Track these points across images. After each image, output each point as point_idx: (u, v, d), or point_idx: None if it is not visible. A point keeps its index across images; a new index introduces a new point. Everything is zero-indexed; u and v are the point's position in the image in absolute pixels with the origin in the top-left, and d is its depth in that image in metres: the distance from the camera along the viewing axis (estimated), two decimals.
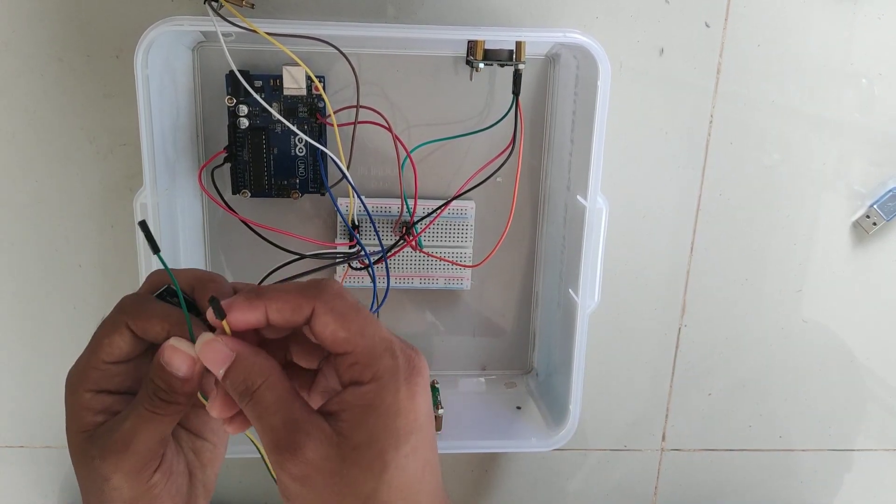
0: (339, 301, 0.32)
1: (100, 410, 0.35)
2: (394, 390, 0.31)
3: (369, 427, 0.31)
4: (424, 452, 0.32)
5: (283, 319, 0.33)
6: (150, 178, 0.48)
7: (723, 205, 0.61)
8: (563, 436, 0.55)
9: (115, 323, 0.35)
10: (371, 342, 0.32)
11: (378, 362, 0.32)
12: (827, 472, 0.69)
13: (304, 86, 0.53)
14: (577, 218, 0.52)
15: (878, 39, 0.57)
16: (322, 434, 0.31)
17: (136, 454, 0.34)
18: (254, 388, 0.32)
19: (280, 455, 0.31)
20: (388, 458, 0.31)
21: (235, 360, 0.33)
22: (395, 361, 0.32)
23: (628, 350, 0.64)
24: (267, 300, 0.33)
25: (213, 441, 0.39)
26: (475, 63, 0.52)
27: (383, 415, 0.31)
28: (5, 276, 0.58)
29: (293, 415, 0.32)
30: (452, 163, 0.57)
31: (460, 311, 0.61)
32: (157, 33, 0.45)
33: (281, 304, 0.33)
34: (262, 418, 0.32)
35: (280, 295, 0.33)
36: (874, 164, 0.61)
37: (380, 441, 0.31)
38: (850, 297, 0.64)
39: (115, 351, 0.35)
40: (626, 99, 0.57)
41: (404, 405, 0.31)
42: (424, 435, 0.32)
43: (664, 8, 0.56)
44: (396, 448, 0.31)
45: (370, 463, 0.31)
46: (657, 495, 0.69)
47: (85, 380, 0.35)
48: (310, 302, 0.32)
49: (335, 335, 0.32)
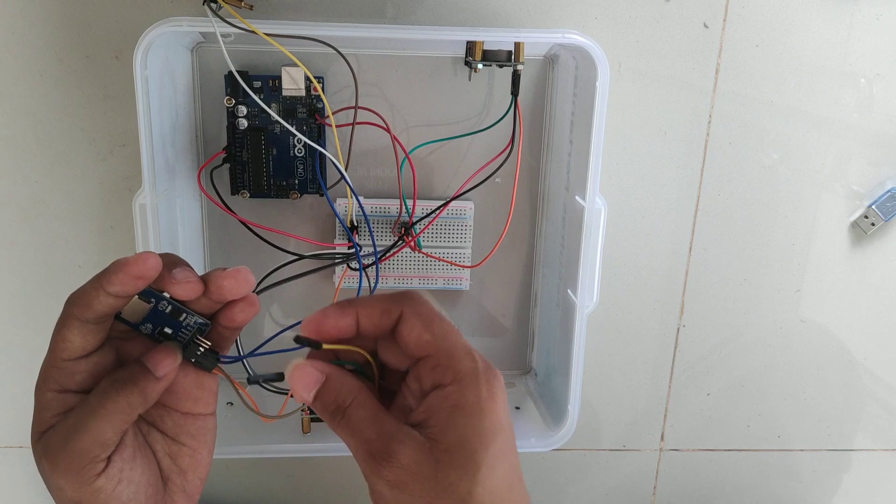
0: (425, 307, 0.34)
1: (59, 411, 0.36)
2: (475, 390, 0.33)
3: (458, 427, 0.32)
4: (510, 455, 0.33)
5: (373, 325, 0.35)
6: (149, 178, 0.48)
7: (721, 205, 0.61)
8: (562, 436, 0.55)
9: (63, 318, 0.35)
10: (452, 345, 0.34)
11: (459, 364, 0.33)
12: (825, 471, 0.69)
13: (302, 86, 0.53)
14: (575, 218, 0.52)
15: (877, 39, 0.58)
16: (414, 441, 0.33)
17: (74, 453, 0.34)
18: (345, 405, 0.34)
19: (376, 464, 0.32)
20: (479, 459, 0.32)
21: (326, 382, 0.34)
22: (474, 364, 0.33)
23: (627, 350, 0.64)
24: (358, 306, 0.35)
25: (192, 446, 0.39)
26: (474, 64, 0.52)
27: (469, 414, 0.32)
28: (5, 276, 0.58)
29: (384, 426, 0.33)
30: (451, 163, 0.58)
31: (459, 311, 0.61)
32: (157, 34, 0.45)
33: (370, 310, 0.35)
34: (356, 433, 0.34)
35: (370, 301, 0.35)
36: (872, 165, 0.61)
37: (470, 441, 0.32)
38: (849, 297, 0.64)
39: (69, 346, 0.35)
40: (625, 99, 0.57)
41: (486, 405, 0.33)
42: (508, 436, 0.33)
43: (663, 8, 0.56)
44: (486, 448, 0.32)
45: (463, 463, 0.32)
46: (656, 495, 0.69)
47: (47, 379, 0.36)
48: (398, 306, 0.34)
49: (420, 337, 0.34)
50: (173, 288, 0.36)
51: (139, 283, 0.35)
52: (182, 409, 0.39)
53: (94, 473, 0.34)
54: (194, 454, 0.39)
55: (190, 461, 0.39)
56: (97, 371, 0.36)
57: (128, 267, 0.34)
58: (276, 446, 0.53)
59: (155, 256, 0.35)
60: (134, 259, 0.34)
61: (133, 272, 0.34)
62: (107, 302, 0.35)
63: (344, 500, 0.66)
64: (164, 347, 0.37)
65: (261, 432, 0.54)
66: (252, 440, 0.53)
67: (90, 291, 0.35)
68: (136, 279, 0.34)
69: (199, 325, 0.38)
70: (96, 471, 0.35)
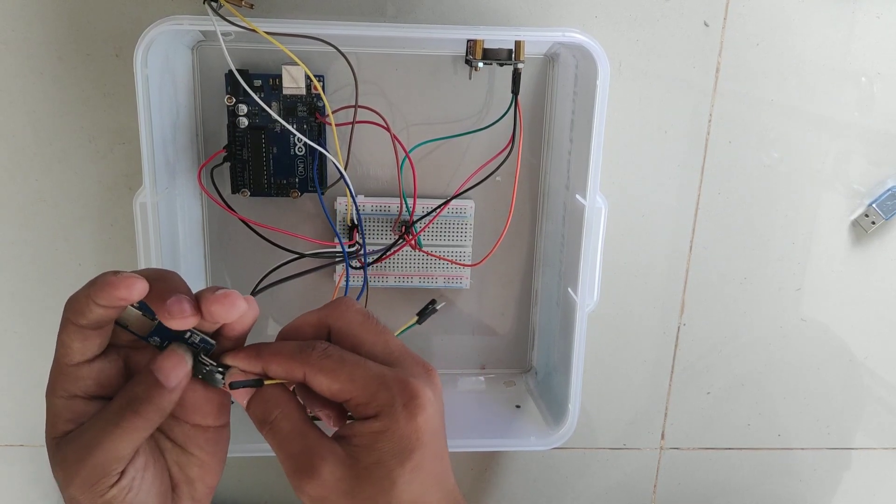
0: (326, 360, 0.36)
1: (70, 418, 0.36)
2: (394, 418, 0.35)
3: (377, 450, 0.35)
4: (430, 465, 0.36)
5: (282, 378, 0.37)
6: (149, 177, 0.48)
7: (722, 204, 0.61)
8: (562, 434, 0.55)
9: (63, 323, 0.35)
10: (363, 384, 0.35)
11: (375, 398, 0.35)
12: (826, 470, 0.69)
13: (303, 85, 0.53)
14: (576, 217, 0.52)
15: (877, 38, 0.58)
16: (336, 457, 0.35)
17: (90, 467, 0.34)
18: (271, 418, 0.36)
19: (299, 479, 0.35)
20: (395, 476, 0.35)
21: (256, 393, 0.37)
22: (389, 393, 0.35)
23: (627, 349, 0.64)
24: (265, 361, 0.37)
25: (202, 457, 0.39)
26: (474, 62, 0.52)
27: (389, 439, 0.35)
28: (4, 275, 0.58)
29: (308, 441, 0.36)
30: (451, 162, 0.57)
31: (459, 310, 0.61)
32: (157, 32, 0.45)
33: (276, 368, 0.37)
34: (281, 446, 0.36)
35: (274, 358, 0.37)
36: (873, 163, 0.61)
37: (387, 462, 0.35)
38: (849, 296, 0.64)
39: (69, 351, 0.35)
40: (626, 98, 0.57)
41: (404, 429, 0.35)
42: (428, 450, 0.36)
43: (663, 7, 0.56)
44: (402, 465, 0.35)
45: (380, 481, 0.35)
46: (656, 494, 0.69)
47: (55, 385, 0.36)
48: (301, 367, 0.36)
49: (330, 389, 0.36)
50: (168, 321, 0.35)
51: (123, 304, 0.35)
52: (191, 422, 0.39)
53: (107, 486, 0.35)
54: (203, 464, 0.39)
55: (199, 471, 0.39)
56: (103, 379, 0.37)
57: (113, 288, 0.34)
58: None
59: (142, 282, 0.34)
60: (120, 281, 0.34)
61: (117, 294, 0.34)
62: (98, 312, 0.35)
63: None
64: (171, 354, 0.36)
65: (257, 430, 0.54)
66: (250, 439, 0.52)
67: (81, 299, 0.35)
68: (120, 300, 0.34)
69: (203, 344, 0.37)
70: (110, 483, 0.35)
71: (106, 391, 0.37)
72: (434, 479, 0.36)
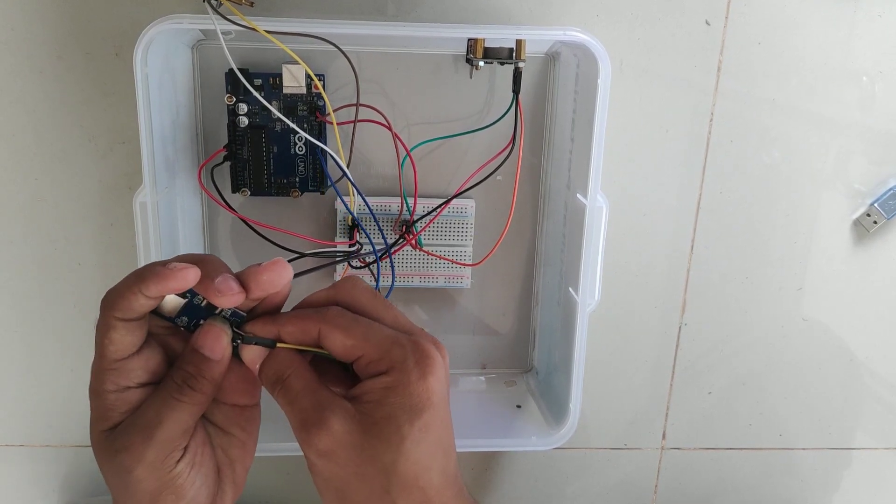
0: (341, 318, 0.37)
1: (125, 410, 0.37)
2: (406, 373, 0.35)
3: (388, 405, 0.35)
4: (437, 430, 0.36)
5: (296, 340, 0.38)
6: (149, 176, 0.48)
7: (723, 203, 0.60)
8: (563, 434, 0.55)
9: (106, 322, 0.36)
10: (377, 341, 0.36)
11: (388, 355, 0.36)
12: (827, 470, 0.69)
13: (303, 84, 0.53)
14: (577, 216, 0.52)
15: (879, 37, 0.57)
16: (345, 411, 0.35)
17: (158, 443, 0.35)
18: (284, 377, 0.37)
19: (307, 432, 0.35)
20: (404, 432, 0.35)
21: (269, 355, 0.38)
22: (403, 350, 0.36)
23: (628, 348, 0.64)
24: (280, 325, 0.38)
25: (241, 437, 0.40)
26: (475, 61, 0.52)
27: (399, 394, 0.35)
28: (4, 274, 0.58)
29: (319, 397, 0.36)
30: (452, 161, 0.57)
31: (460, 309, 0.61)
32: (157, 31, 0.45)
33: (291, 328, 0.38)
34: (293, 402, 0.36)
35: (290, 320, 0.38)
36: (874, 163, 0.61)
37: (397, 417, 0.35)
38: (851, 296, 0.64)
39: (119, 347, 0.36)
40: (627, 97, 0.57)
41: (416, 386, 0.35)
42: (437, 413, 0.36)
43: (664, 6, 0.56)
44: (411, 423, 0.35)
45: (389, 436, 0.35)
46: (657, 494, 0.69)
47: (104, 382, 0.37)
48: (315, 325, 0.37)
49: (344, 345, 0.36)
50: (216, 299, 0.36)
51: (177, 291, 0.36)
52: (230, 402, 0.40)
53: (174, 460, 0.36)
54: (243, 445, 0.40)
55: (239, 451, 0.40)
56: (151, 366, 0.38)
57: (166, 280, 0.35)
58: (274, 444, 0.53)
59: (195, 270, 0.35)
60: (171, 273, 0.35)
61: (171, 286, 0.35)
62: (146, 303, 0.36)
63: None
64: (210, 328, 0.37)
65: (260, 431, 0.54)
66: None
67: (128, 295, 0.35)
68: (173, 290, 0.36)
69: (234, 317, 0.38)
70: (177, 458, 0.36)
71: (154, 377, 0.38)
72: (440, 447, 0.36)
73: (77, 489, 0.64)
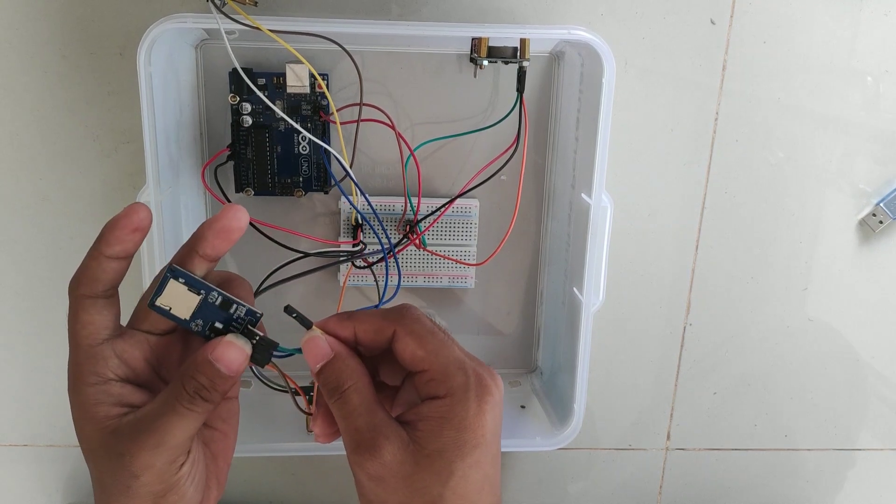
0: (417, 325, 0.37)
1: (114, 402, 0.36)
2: (464, 405, 0.35)
3: (442, 438, 0.35)
4: (486, 467, 0.36)
5: (369, 339, 0.37)
6: (153, 175, 0.48)
7: (728, 203, 0.60)
8: (567, 435, 0.55)
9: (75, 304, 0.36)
10: (445, 361, 0.36)
11: (451, 379, 0.35)
12: (832, 471, 0.69)
13: (307, 83, 0.53)
14: (581, 216, 0.52)
15: (884, 36, 0.57)
16: (400, 440, 0.35)
17: (168, 451, 0.35)
18: (343, 387, 0.36)
19: (360, 455, 0.35)
20: (454, 468, 0.35)
21: (333, 359, 0.37)
22: (466, 379, 0.36)
23: (633, 349, 0.63)
24: (356, 322, 0.37)
25: (223, 430, 0.40)
26: (479, 60, 0.51)
27: (455, 427, 0.35)
28: (9, 274, 0.58)
29: (375, 419, 0.35)
30: (456, 161, 0.57)
31: (464, 309, 0.61)
32: (161, 31, 0.45)
33: (367, 326, 0.37)
34: (348, 418, 0.36)
35: (366, 318, 0.37)
36: (880, 162, 0.60)
37: (449, 451, 0.35)
38: (856, 296, 0.63)
39: (92, 328, 0.36)
40: (631, 96, 0.57)
41: (472, 421, 0.35)
42: (488, 450, 0.35)
43: (669, 5, 0.55)
44: (462, 458, 0.35)
45: (439, 470, 0.35)
46: (662, 494, 0.68)
47: (81, 374, 0.36)
48: (391, 325, 0.37)
49: (414, 354, 0.36)
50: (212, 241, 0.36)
51: (137, 237, 0.35)
52: None
53: (180, 464, 0.36)
54: (225, 438, 0.40)
55: (221, 445, 0.40)
56: (128, 359, 0.36)
57: (121, 222, 0.34)
58: (279, 444, 0.53)
59: (144, 206, 0.35)
60: (124, 213, 0.34)
61: (128, 226, 0.34)
62: (111, 268, 0.35)
63: (347, 498, 0.66)
64: (231, 346, 0.36)
65: (264, 430, 0.54)
66: (256, 438, 0.53)
67: (91, 264, 0.35)
68: (133, 232, 0.35)
69: (249, 317, 0.37)
70: (183, 461, 0.36)
71: (135, 376, 0.37)
72: (487, 483, 0.36)
73: (81, 489, 0.64)
